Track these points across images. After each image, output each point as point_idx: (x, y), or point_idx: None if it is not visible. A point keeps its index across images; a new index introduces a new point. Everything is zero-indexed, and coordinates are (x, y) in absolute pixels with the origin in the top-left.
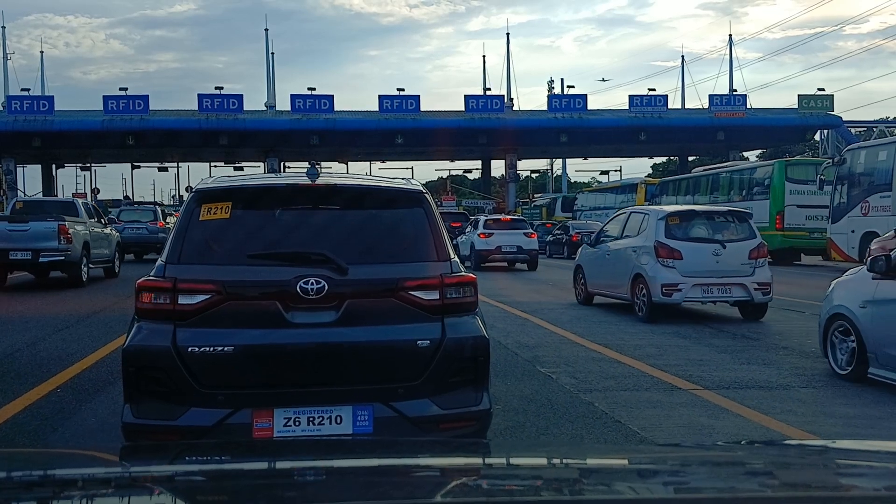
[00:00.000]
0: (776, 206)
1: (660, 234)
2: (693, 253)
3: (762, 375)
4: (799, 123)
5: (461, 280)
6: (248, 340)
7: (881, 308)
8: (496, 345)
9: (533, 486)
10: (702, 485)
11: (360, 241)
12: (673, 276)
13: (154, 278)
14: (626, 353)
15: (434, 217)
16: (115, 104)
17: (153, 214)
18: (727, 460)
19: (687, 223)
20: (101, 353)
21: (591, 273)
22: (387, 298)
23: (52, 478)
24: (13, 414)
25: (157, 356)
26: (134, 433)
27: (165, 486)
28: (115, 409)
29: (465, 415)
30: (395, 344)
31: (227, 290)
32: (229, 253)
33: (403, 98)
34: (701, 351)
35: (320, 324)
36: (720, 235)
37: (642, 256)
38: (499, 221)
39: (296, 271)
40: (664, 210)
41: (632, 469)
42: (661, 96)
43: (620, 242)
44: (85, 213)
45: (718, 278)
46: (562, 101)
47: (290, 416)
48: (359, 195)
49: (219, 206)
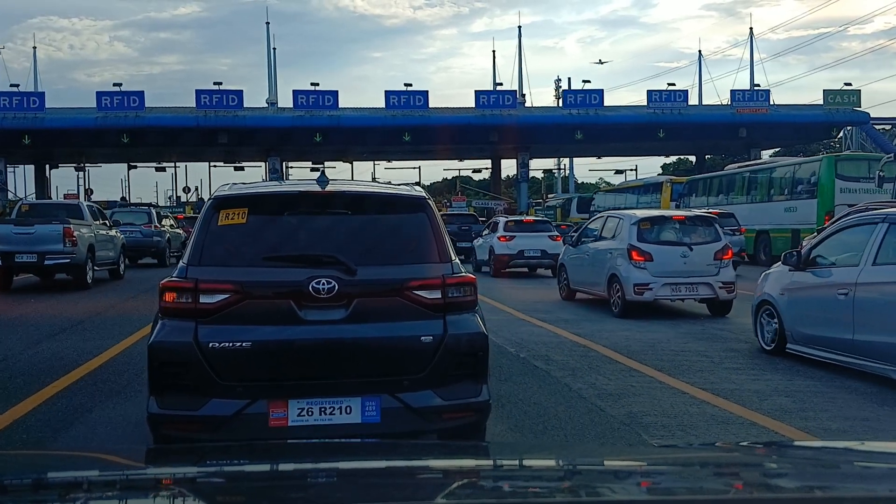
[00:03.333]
0: (825, 206)
1: (632, 237)
2: (663, 255)
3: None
4: (824, 120)
5: (462, 280)
6: (265, 336)
7: (794, 294)
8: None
9: (534, 488)
10: (701, 486)
11: (367, 245)
12: (644, 276)
13: (177, 279)
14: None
15: (436, 221)
16: (109, 101)
17: (147, 216)
18: (726, 461)
19: (657, 227)
20: (99, 360)
21: (573, 272)
22: (392, 297)
23: (58, 479)
24: (15, 419)
25: (180, 351)
26: (159, 423)
27: (168, 488)
28: (113, 418)
29: (465, 405)
30: (400, 340)
31: (244, 290)
32: (246, 255)
33: (411, 94)
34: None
35: (331, 321)
36: (688, 238)
37: (617, 258)
38: (520, 223)
39: (308, 272)
40: (636, 215)
41: (630, 470)
42: (680, 91)
43: (599, 244)
44: (90, 216)
45: (686, 278)
46: (576, 97)
47: (303, 406)
48: (366, 201)
49: (236, 211)
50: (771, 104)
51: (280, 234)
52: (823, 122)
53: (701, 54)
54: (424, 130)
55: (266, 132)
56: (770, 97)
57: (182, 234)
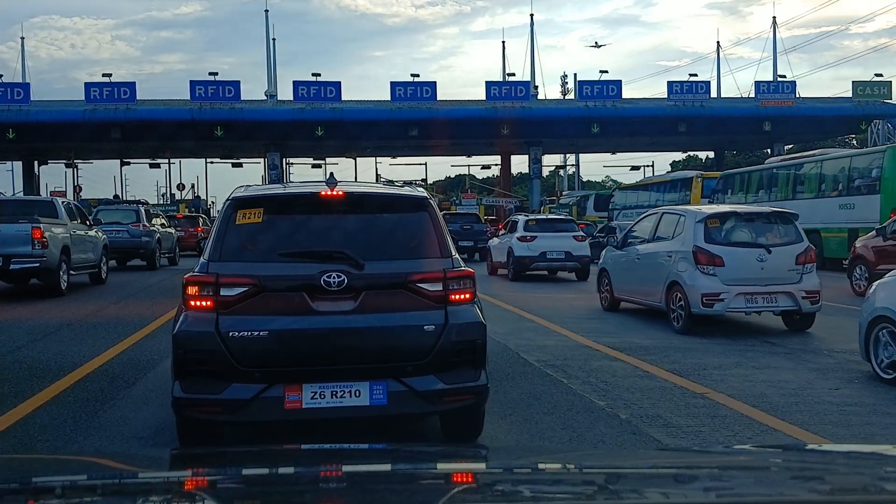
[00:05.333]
0: (889, 202)
1: (698, 237)
2: (735, 258)
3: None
4: (853, 113)
5: (461, 274)
6: (280, 326)
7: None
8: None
9: (539, 493)
10: (711, 489)
11: (373, 241)
12: (714, 284)
13: (199, 274)
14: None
15: (437, 219)
16: (99, 93)
17: (136, 215)
18: (735, 465)
19: (728, 225)
20: (53, 389)
21: (618, 278)
22: (397, 290)
23: (62, 483)
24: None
25: (203, 340)
26: (183, 406)
27: (172, 493)
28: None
29: (465, 389)
30: (404, 329)
31: (261, 284)
32: (262, 251)
33: (418, 85)
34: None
35: (341, 312)
36: (764, 239)
37: (679, 262)
38: (542, 222)
39: (320, 267)
40: (702, 211)
41: (636, 475)
42: (703, 82)
43: (652, 246)
44: (66, 214)
45: (763, 286)
46: (593, 88)
47: (316, 390)
48: (372, 201)
49: (253, 211)
50: (797, 97)
51: (293, 231)
52: (852, 116)
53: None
54: (432, 125)
55: (264, 125)
56: (796, 89)
57: (174, 233)
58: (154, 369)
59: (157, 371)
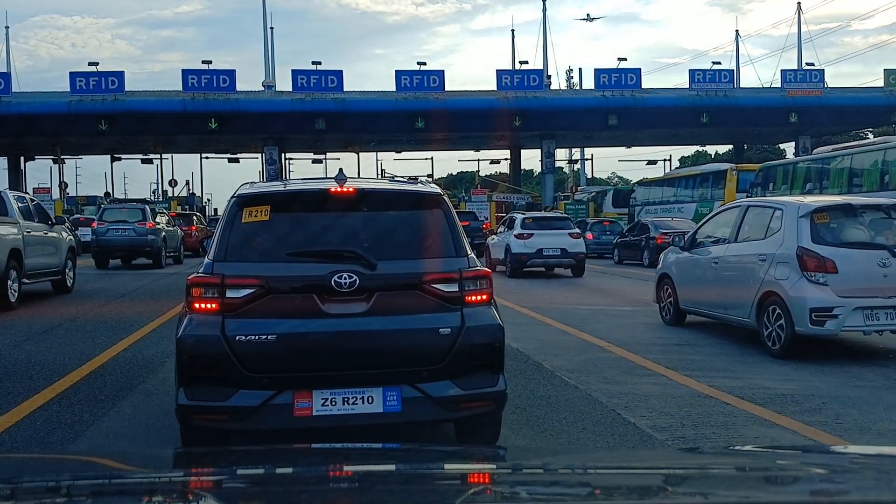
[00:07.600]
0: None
1: (804, 237)
2: (852, 263)
3: None
4: (884, 103)
5: (478, 274)
6: (289, 329)
7: None
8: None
9: (552, 494)
10: (726, 491)
11: (386, 240)
12: (825, 296)
13: (203, 275)
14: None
15: (452, 216)
16: (85, 82)
17: (142, 214)
18: (748, 466)
19: (841, 222)
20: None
21: (686, 285)
22: (411, 291)
23: (62, 483)
24: None
25: (209, 344)
26: (187, 414)
27: (179, 492)
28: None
29: (482, 395)
30: (419, 332)
31: (269, 285)
32: (270, 251)
33: (425, 74)
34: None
35: (353, 314)
36: (884, 238)
37: (777, 268)
38: (539, 220)
39: (330, 267)
40: (806, 203)
41: (649, 475)
42: (726, 71)
43: (736, 247)
44: (18, 212)
45: (886, 298)
46: (610, 77)
47: (326, 396)
48: (384, 198)
49: (259, 209)
50: (826, 87)
51: (301, 230)
52: (884, 106)
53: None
54: (440, 116)
55: (261, 117)
56: (824, 78)
57: (179, 232)
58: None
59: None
